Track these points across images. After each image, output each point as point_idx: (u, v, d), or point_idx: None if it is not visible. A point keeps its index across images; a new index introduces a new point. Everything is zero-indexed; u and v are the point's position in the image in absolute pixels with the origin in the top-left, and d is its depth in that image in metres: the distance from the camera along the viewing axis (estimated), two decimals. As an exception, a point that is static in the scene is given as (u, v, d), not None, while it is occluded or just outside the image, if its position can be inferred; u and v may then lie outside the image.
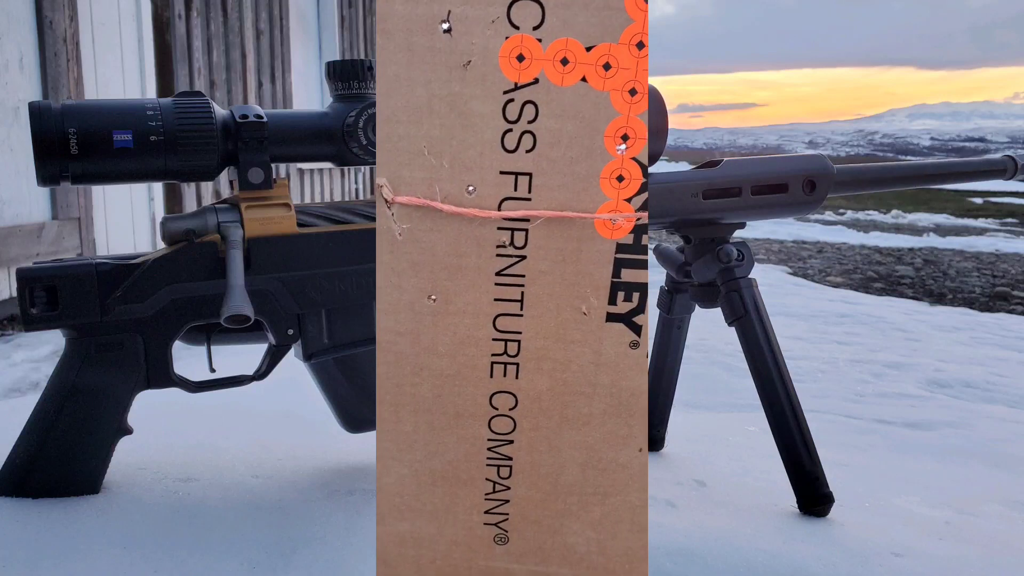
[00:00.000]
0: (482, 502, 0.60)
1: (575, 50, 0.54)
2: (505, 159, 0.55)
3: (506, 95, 0.54)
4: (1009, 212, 10.32)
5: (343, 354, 0.91)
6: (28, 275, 0.80)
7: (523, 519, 0.61)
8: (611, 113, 0.54)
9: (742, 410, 1.57)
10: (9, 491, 0.83)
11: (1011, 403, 1.79)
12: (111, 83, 3.14)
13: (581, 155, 0.55)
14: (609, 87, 0.54)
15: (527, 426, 0.59)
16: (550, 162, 0.55)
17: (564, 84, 0.54)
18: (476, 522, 0.61)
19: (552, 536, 0.61)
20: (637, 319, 0.57)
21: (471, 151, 0.54)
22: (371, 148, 0.88)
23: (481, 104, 0.54)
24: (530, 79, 0.54)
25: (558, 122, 0.54)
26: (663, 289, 1.09)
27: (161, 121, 0.79)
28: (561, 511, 0.61)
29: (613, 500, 0.60)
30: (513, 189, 0.55)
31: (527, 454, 0.59)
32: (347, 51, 5.51)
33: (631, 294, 0.57)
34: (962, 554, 0.85)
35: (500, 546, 0.61)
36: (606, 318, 0.57)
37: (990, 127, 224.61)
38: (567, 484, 0.60)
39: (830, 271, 4.72)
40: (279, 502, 0.85)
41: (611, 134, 0.55)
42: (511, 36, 0.53)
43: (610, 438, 0.59)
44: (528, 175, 0.55)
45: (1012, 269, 4.99)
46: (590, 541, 0.61)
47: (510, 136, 0.54)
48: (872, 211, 9.68)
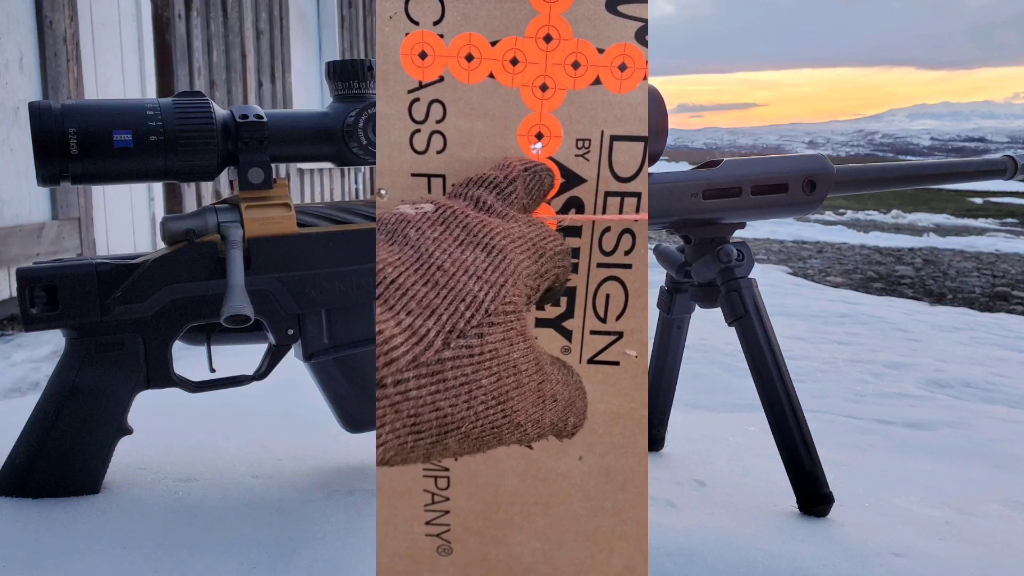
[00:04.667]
0: (422, 513, 0.59)
1: (479, 45, 0.51)
2: (415, 161, 0.53)
3: (411, 94, 0.52)
4: (1009, 212, 10.32)
5: (343, 354, 0.91)
6: (28, 275, 0.80)
7: (465, 530, 0.60)
8: (523, 110, 0.52)
9: (742, 410, 1.57)
10: (9, 491, 0.83)
11: (1011, 403, 1.79)
12: (111, 83, 3.14)
13: (494, 155, 0.53)
14: (518, 83, 0.52)
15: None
16: (462, 163, 0.53)
17: (470, 81, 0.52)
18: (418, 533, 0.59)
19: (496, 547, 0.60)
20: (567, 324, 0.56)
21: (379, 153, 0.53)
22: (371, 148, 0.88)
23: (386, 104, 0.52)
24: (435, 77, 0.52)
25: (467, 121, 0.52)
26: (663, 289, 1.09)
27: (161, 121, 0.79)
28: (503, 521, 0.59)
29: (556, 510, 0.59)
30: (427, 191, 0.53)
31: (463, 464, 0.58)
32: (347, 51, 5.51)
33: (559, 299, 0.55)
34: (962, 554, 0.85)
35: (444, 557, 0.60)
36: (535, 323, 0.56)
37: (990, 127, 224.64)
38: (507, 494, 0.59)
39: (830, 271, 4.72)
40: (279, 502, 0.85)
41: (524, 132, 0.53)
42: (411, 32, 0.51)
43: (548, 447, 0.58)
44: (441, 176, 0.53)
45: (1012, 269, 4.99)
46: (535, 551, 0.60)
47: (418, 137, 0.52)
48: (872, 211, 9.68)
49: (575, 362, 0.56)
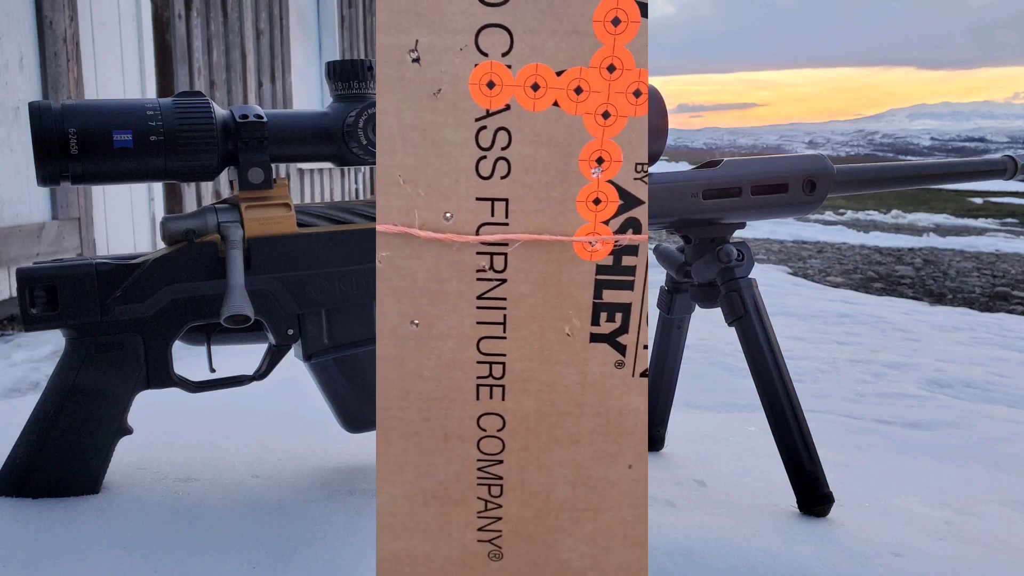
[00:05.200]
0: (475, 520, 0.61)
1: (545, 75, 0.54)
2: (481, 185, 0.55)
3: (478, 122, 0.54)
4: (1009, 212, 10.32)
5: (343, 354, 0.91)
6: (28, 275, 0.80)
7: (516, 536, 0.61)
8: (585, 137, 0.55)
9: (742, 410, 1.57)
10: (9, 491, 0.83)
11: (1011, 403, 1.79)
12: (111, 83, 3.14)
13: (556, 180, 0.55)
14: (582, 111, 0.54)
15: (516, 446, 0.60)
16: (525, 187, 0.55)
17: (536, 110, 0.54)
18: (470, 539, 0.61)
19: (546, 552, 0.62)
20: (621, 339, 0.58)
21: (446, 179, 0.55)
22: (371, 148, 0.88)
23: (453, 132, 0.54)
24: (501, 106, 0.54)
25: (531, 148, 0.55)
26: (663, 289, 1.09)
27: (161, 121, 0.79)
28: (553, 527, 0.61)
29: (605, 516, 0.61)
30: (490, 215, 0.56)
31: (517, 473, 0.60)
32: (347, 51, 5.51)
33: (614, 314, 0.58)
34: (962, 554, 0.85)
35: (495, 562, 0.62)
36: (590, 339, 0.58)
37: (990, 127, 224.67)
38: (558, 501, 0.61)
39: (830, 271, 4.72)
40: (279, 502, 0.85)
41: (585, 157, 0.55)
42: (480, 63, 0.53)
43: (599, 456, 0.60)
44: (504, 200, 0.55)
45: (1012, 269, 4.99)
46: (584, 556, 0.62)
47: (484, 163, 0.55)
48: (872, 211, 9.68)
49: (628, 376, 0.59)
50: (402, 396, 0.58)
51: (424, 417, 0.59)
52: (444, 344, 0.57)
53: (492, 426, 0.59)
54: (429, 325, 0.57)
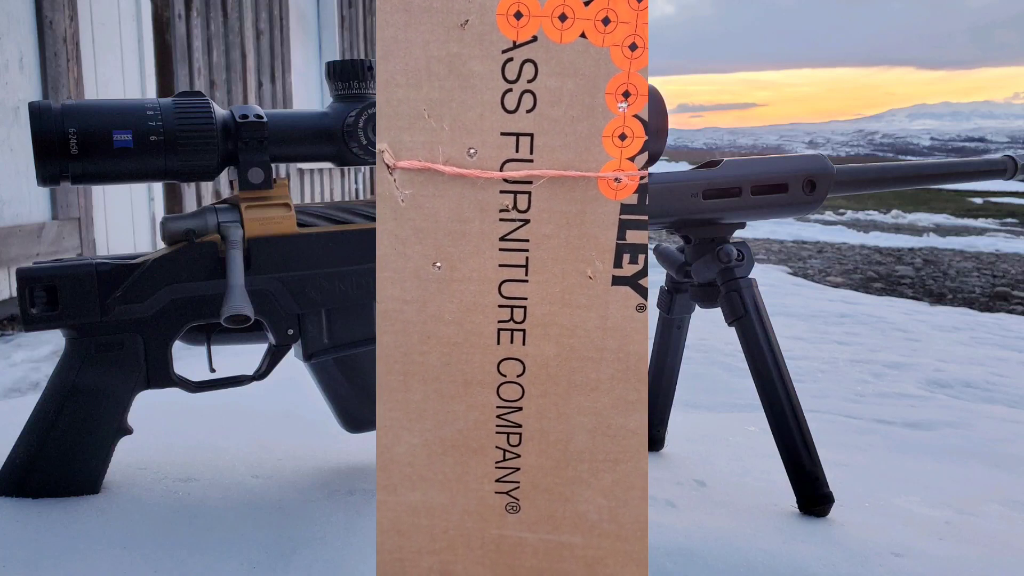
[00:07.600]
0: (493, 470, 0.60)
1: (573, 5, 0.53)
2: (506, 120, 0.54)
3: (505, 54, 0.53)
4: (1009, 212, 10.32)
5: (343, 354, 0.91)
6: (28, 275, 0.80)
7: (534, 487, 0.60)
8: (611, 69, 0.54)
9: (742, 410, 1.57)
10: (9, 491, 0.83)
11: (1011, 403, 1.79)
12: (111, 83, 3.14)
13: (582, 114, 0.54)
14: (609, 43, 0.53)
15: (535, 392, 0.58)
16: (551, 122, 0.54)
17: (563, 41, 0.53)
18: (488, 491, 0.60)
19: (564, 504, 0.60)
20: (642, 281, 0.57)
21: (471, 113, 0.54)
22: (371, 148, 0.88)
23: (480, 64, 0.53)
24: (528, 37, 0.53)
25: (558, 80, 0.54)
26: (663, 289, 1.09)
27: (161, 121, 0.79)
28: (572, 478, 0.60)
29: (624, 466, 0.60)
30: (515, 150, 0.54)
31: (536, 421, 0.59)
32: (347, 51, 5.51)
33: (636, 256, 0.56)
34: (962, 554, 0.85)
35: (512, 515, 0.60)
36: (612, 281, 0.57)
37: (990, 127, 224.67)
38: (577, 451, 0.59)
39: (830, 271, 4.72)
40: (279, 502, 0.85)
41: (612, 91, 0.54)
42: None
43: (619, 404, 0.59)
44: (529, 135, 0.54)
45: (1012, 269, 4.99)
46: (601, 509, 0.60)
47: (510, 96, 0.54)
48: (872, 211, 9.68)
49: (647, 320, 0.58)
50: (423, 340, 0.57)
51: (444, 362, 0.57)
52: (466, 287, 0.56)
53: (512, 372, 0.58)
54: (452, 267, 0.56)
